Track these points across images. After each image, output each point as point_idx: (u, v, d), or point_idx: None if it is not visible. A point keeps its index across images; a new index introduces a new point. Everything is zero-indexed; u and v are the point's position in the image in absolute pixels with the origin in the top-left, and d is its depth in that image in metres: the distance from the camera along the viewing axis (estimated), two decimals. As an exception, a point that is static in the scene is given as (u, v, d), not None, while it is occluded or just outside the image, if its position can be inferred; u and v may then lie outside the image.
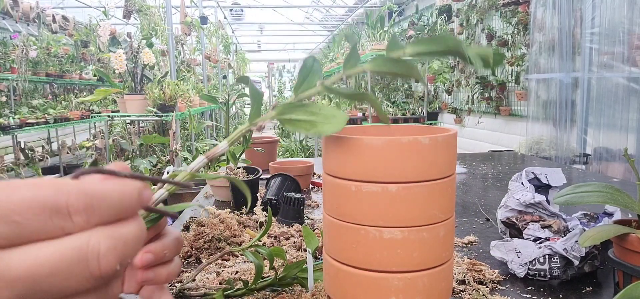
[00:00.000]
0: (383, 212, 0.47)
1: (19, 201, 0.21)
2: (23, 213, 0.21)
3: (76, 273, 0.22)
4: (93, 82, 7.71)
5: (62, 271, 0.21)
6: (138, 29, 4.62)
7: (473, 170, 1.65)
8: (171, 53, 4.47)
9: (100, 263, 0.22)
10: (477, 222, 1.01)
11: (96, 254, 0.22)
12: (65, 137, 8.16)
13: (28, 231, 0.21)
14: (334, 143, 0.50)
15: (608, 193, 0.60)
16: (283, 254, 0.65)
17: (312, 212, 1.11)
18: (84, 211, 0.22)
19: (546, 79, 3.26)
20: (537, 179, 0.93)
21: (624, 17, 2.53)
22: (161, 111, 3.84)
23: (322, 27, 12.87)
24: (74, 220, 0.22)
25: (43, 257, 0.21)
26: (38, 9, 5.72)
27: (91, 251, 0.22)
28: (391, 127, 0.59)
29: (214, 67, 8.51)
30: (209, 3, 8.14)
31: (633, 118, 2.51)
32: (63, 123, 6.14)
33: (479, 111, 4.73)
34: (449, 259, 0.51)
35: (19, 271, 0.21)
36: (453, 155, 0.50)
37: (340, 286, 0.51)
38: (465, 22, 4.77)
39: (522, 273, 0.69)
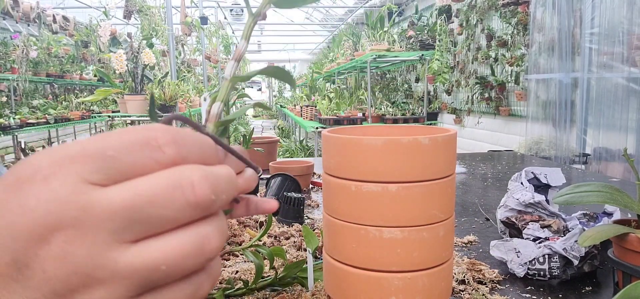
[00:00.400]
0: (383, 212, 0.47)
1: (113, 141, 0.23)
2: (117, 148, 0.22)
3: (173, 200, 0.22)
4: (93, 82, 7.71)
5: (159, 199, 0.22)
6: (138, 29, 4.62)
7: (473, 170, 1.66)
8: (171, 53, 4.47)
9: (196, 190, 0.23)
10: (476, 222, 1.01)
11: (190, 182, 0.23)
12: (65, 137, 8.16)
13: (124, 165, 0.22)
14: (334, 143, 0.50)
15: (607, 193, 0.60)
16: (283, 254, 0.65)
17: (312, 212, 1.11)
18: (173, 143, 0.23)
19: (546, 79, 3.26)
20: (537, 179, 0.93)
21: (624, 17, 2.53)
22: (161, 111, 3.84)
23: (322, 28, 12.88)
24: (165, 151, 0.23)
25: (141, 188, 0.22)
26: (38, 9, 5.73)
27: (186, 178, 0.23)
28: (391, 127, 0.59)
29: (214, 67, 8.51)
30: (209, 3, 8.14)
31: (632, 118, 2.52)
32: (63, 123, 6.14)
33: (478, 111, 4.73)
34: (448, 259, 0.51)
35: (118, 202, 0.21)
36: (453, 155, 0.50)
37: (340, 286, 0.51)
38: (465, 23, 4.77)
39: (522, 273, 0.69)
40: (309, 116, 5.81)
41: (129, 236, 0.22)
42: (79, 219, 0.21)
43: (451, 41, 5.04)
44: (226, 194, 0.25)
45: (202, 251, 0.23)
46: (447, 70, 4.59)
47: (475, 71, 4.69)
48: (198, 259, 0.23)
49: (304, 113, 6.03)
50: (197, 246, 0.23)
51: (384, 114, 4.91)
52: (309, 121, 5.63)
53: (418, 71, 6.08)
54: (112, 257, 0.21)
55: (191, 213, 0.23)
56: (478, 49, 4.58)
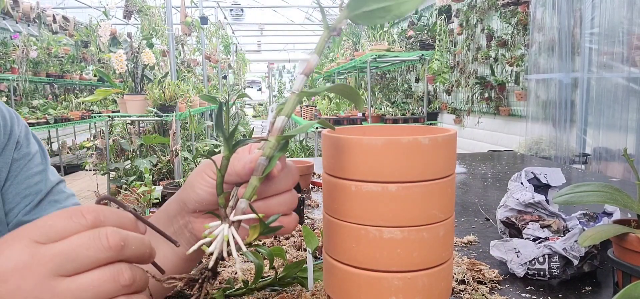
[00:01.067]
0: (383, 212, 0.47)
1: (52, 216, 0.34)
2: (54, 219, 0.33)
3: (93, 245, 0.32)
4: (93, 83, 7.71)
5: (84, 245, 0.32)
6: (138, 29, 4.62)
7: (473, 170, 1.66)
8: (171, 53, 4.47)
9: (108, 237, 0.33)
10: (476, 222, 1.01)
11: (105, 233, 0.33)
12: (65, 137, 8.16)
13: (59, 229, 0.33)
14: (334, 143, 0.50)
15: (607, 193, 0.60)
16: (283, 254, 0.65)
17: (312, 212, 1.11)
18: (93, 212, 0.34)
19: (546, 79, 3.26)
20: (537, 179, 0.93)
21: (624, 17, 2.53)
22: (161, 111, 3.84)
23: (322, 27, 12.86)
24: (87, 217, 0.34)
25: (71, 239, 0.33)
26: (38, 9, 5.73)
27: (102, 231, 0.33)
28: (391, 127, 0.59)
29: (214, 67, 8.51)
30: (209, 3, 8.14)
31: (632, 118, 2.52)
32: (63, 123, 6.14)
33: (478, 111, 4.73)
34: (448, 259, 0.51)
35: (57, 249, 0.32)
36: (453, 155, 0.50)
37: (340, 286, 0.51)
38: (465, 23, 4.77)
39: (522, 273, 0.70)
40: (309, 115, 5.81)
41: (64, 271, 0.32)
42: (28, 262, 0.32)
43: (451, 41, 5.04)
44: (135, 246, 0.34)
45: (117, 281, 0.33)
46: (447, 71, 4.59)
47: (475, 71, 4.69)
48: (114, 286, 0.33)
49: (304, 113, 6.03)
50: (112, 277, 0.33)
51: (384, 114, 4.91)
52: (309, 121, 5.63)
53: (418, 71, 6.09)
54: (53, 285, 0.31)
55: (107, 255, 0.32)
56: (478, 49, 4.58)
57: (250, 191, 0.42)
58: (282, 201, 0.47)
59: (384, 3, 0.39)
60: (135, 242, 0.34)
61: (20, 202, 0.63)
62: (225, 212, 0.41)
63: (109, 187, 4.25)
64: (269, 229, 0.42)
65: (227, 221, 0.40)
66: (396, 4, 0.39)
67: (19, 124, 0.66)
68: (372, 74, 6.55)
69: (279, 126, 0.42)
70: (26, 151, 0.65)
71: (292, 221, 0.49)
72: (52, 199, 0.65)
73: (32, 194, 0.64)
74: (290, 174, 0.48)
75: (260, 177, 0.42)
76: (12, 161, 0.64)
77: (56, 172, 0.70)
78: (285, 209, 0.47)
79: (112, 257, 0.33)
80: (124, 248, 0.33)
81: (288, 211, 0.48)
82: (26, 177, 0.64)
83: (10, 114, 0.66)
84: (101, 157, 4.42)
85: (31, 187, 0.64)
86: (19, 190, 0.63)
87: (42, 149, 0.69)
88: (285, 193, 0.48)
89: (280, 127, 0.42)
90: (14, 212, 0.62)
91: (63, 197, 0.67)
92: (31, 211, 0.63)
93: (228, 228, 0.40)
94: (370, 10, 0.40)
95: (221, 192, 0.42)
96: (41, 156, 0.68)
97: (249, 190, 0.42)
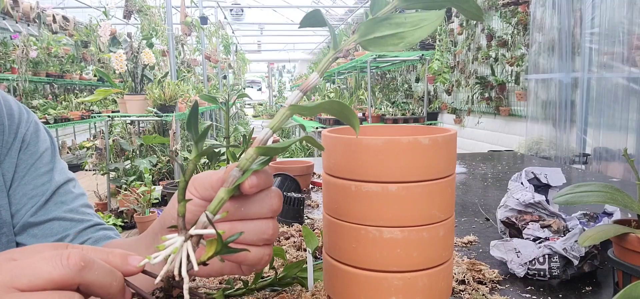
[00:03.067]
0: (383, 212, 0.47)
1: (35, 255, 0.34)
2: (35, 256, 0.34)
3: (51, 261, 0.32)
4: (93, 82, 7.71)
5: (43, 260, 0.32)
6: (138, 29, 4.62)
7: (473, 170, 1.66)
8: (171, 53, 4.47)
9: (70, 257, 0.32)
10: (476, 222, 1.01)
11: (67, 253, 0.32)
12: (65, 137, 8.16)
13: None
14: (334, 143, 0.50)
15: (608, 193, 0.60)
16: (283, 254, 0.65)
17: (312, 212, 1.11)
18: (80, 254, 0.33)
19: (546, 79, 3.26)
20: (537, 179, 0.93)
21: (624, 17, 2.53)
22: (161, 111, 3.84)
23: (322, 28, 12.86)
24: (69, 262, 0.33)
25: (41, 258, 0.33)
26: (38, 9, 5.73)
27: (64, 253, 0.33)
28: (391, 127, 0.59)
29: (214, 67, 8.51)
30: (209, 3, 8.14)
31: (633, 118, 2.51)
32: (63, 123, 6.14)
33: (478, 111, 4.73)
34: (448, 259, 0.51)
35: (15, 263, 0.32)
36: (453, 155, 0.50)
37: (340, 286, 0.51)
38: (465, 22, 4.77)
39: (522, 273, 0.69)
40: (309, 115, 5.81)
41: (19, 284, 0.31)
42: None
43: (451, 41, 5.04)
44: (98, 273, 0.33)
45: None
46: (447, 71, 4.59)
47: (475, 71, 4.69)
48: None
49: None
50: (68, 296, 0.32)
51: (384, 114, 4.91)
52: (309, 121, 5.63)
53: (418, 71, 6.08)
54: (5, 295, 0.31)
55: (63, 272, 0.31)
56: (478, 49, 4.58)
57: (216, 204, 0.37)
58: (254, 228, 0.41)
59: (397, 30, 0.38)
60: (99, 269, 0.33)
61: (26, 203, 0.62)
62: (184, 223, 0.36)
63: (109, 187, 4.25)
64: (227, 250, 0.36)
65: (183, 233, 0.36)
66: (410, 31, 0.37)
67: (28, 121, 0.65)
68: (372, 73, 6.55)
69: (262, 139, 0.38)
70: (34, 149, 0.64)
71: (263, 254, 0.42)
72: (58, 201, 0.64)
73: (39, 195, 0.62)
74: (269, 199, 0.42)
75: (228, 189, 0.38)
76: (19, 161, 0.62)
77: (66, 170, 0.67)
78: (256, 238, 0.42)
79: (68, 276, 0.31)
80: (84, 269, 0.32)
81: (260, 241, 0.42)
82: (34, 178, 0.63)
83: (19, 110, 0.64)
84: (101, 157, 4.42)
85: (38, 188, 0.63)
86: (26, 191, 0.62)
87: (53, 145, 0.67)
88: (260, 220, 0.42)
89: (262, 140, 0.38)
90: (20, 213, 0.61)
91: (70, 198, 0.65)
92: (37, 212, 0.62)
93: (183, 241, 0.36)
94: (382, 36, 0.38)
95: (182, 198, 0.37)
96: (51, 153, 0.66)
97: (215, 202, 0.37)
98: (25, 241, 0.61)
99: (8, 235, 0.60)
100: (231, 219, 0.41)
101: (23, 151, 0.63)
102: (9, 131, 0.62)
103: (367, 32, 0.38)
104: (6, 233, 0.60)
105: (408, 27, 0.37)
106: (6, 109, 0.62)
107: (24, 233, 0.61)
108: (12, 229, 0.61)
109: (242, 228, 0.41)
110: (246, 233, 0.41)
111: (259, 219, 0.42)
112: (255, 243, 0.42)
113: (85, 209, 0.66)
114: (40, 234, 0.61)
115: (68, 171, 0.68)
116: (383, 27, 0.38)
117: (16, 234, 0.61)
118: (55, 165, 0.66)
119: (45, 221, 0.61)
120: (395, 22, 0.37)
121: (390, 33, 0.38)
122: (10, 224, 0.61)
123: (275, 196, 0.42)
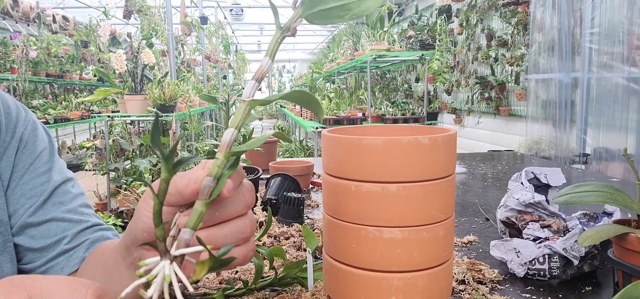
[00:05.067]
0: (383, 212, 0.47)
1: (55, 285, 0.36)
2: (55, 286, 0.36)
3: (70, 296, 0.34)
4: (93, 82, 7.71)
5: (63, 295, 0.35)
6: (138, 29, 4.62)
7: (473, 170, 1.66)
8: (171, 53, 4.47)
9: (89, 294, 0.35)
10: (476, 222, 1.01)
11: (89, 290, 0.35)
12: (65, 137, 8.16)
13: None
14: (334, 143, 0.50)
15: (607, 193, 0.60)
16: (283, 254, 0.65)
17: (312, 212, 1.11)
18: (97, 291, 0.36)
19: (546, 79, 3.26)
20: (537, 179, 0.93)
21: (624, 17, 2.53)
22: (161, 111, 3.84)
23: (322, 27, 12.87)
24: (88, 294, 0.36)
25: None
26: (38, 9, 5.72)
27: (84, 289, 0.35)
28: (391, 127, 0.59)
29: (214, 67, 8.51)
30: (209, 3, 8.14)
31: (633, 118, 2.51)
32: (63, 123, 6.14)
33: (478, 111, 4.73)
34: (448, 259, 0.51)
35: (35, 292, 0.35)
36: (453, 155, 0.50)
37: (340, 286, 0.51)
38: (465, 22, 4.77)
39: (522, 273, 0.69)
40: (308, 115, 5.81)
41: None
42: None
43: (451, 41, 5.04)
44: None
45: None
46: (447, 70, 4.59)
47: (475, 71, 4.68)
48: None
49: (304, 113, 6.03)
50: None
51: (384, 114, 4.91)
52: (308, 121, 5.63)
53: (418, 71, 6.08)
54: None
55: None
56: (478, 49, 4.58)
57: (196, 219, 0.35)
58: (233, 230, 0.40)
59: (342, 1, 0.36)
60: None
61: (25, 203, 0.61)
62: (165, 247, 0.35)
63: (109, 187, 4.25)
64: (220, 264, 0.35)
65: (167, 257, 0.34)
66: (356, 1, 0.36)
67: (26, 120, 0.64)
68: (372, 74, 6.55)
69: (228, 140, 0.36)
70: (32, 149, 0.63)
71: (247, 251, 0.42)
72: (56, 201, 0.63)
73: (37, 195, 0.62)
74: (242, 196, 0.41)
75: (206, 201, 0.36)
76: (17, 161, 0.62)
77: (64, 169, 0.67)
78: (236, 239, 0.40)
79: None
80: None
81: (240, 241, 0.41)
82: (32, 178, 0.62)
83: (17, 109, 0.63)
84: (101, 157, 4.42)
85: (36, 188, 0.62)
86: (24, 191, 0.61)
87: (51, 144, 0.66)
88: (236, 219, 0.41)
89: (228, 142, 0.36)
90: (18, 214, 0.61)
91: (69, 198, 0.64)
92: (35, 213, 0.61)
93: (169, 264, 0.34)
94: (327, 8, 0.36)
95: (159, 222, 0.35)
96: (49, 152, 0.65)
97: (194, 217, 0.35)
98: (23, 241, 0.61)
99: (5, 235, 0.60)
100: (207, 226, 0.39)
101: (21, 151, 0.62)
102: (6, 130, 0.61)
103: (312, 5, 0.37)
104: (3, 233, 0.59)
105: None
106: (3, 108, 0.62)
107: (22, 233, 0.61)
108: (10, 230, 0.61)
109: (220, 233, 0.39)
110: (225, 237, 0.39)
111: (235, 218, 0.40)
112: (236, 244, 0.40)
113: (83, 209, 0.65)
114: (38, 235, 0.61)
115: (67, 170, 0.67)
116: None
117: (14, 235, 0.61)
118: (54, 164, 0.65)
119: (43, 221, 0.61)
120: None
121: (336, 5, 0.36)
122: (8, 224, 0.60)
123: (247, 191, 0.41)
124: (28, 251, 0.61)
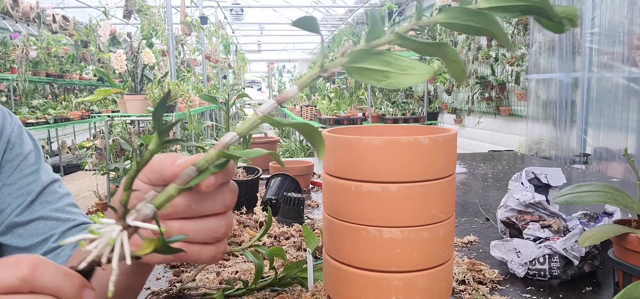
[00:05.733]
0: (383, 213, 0.47)
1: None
2: None
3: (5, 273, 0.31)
4: (93, 82, 7.71)
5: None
6: (138, 29, 4.62)
7: (473, 170, 1.65)
8: (171, 53, 4.47)
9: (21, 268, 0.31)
10: (477, 222, 1.01)
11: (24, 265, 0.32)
12: (65, 137, 8.15)
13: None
14: (334, 143, 0.50)
15: (608, 193, 0.60)
16: (283, 254, 0.65)
17: (312, 212, 1.11)
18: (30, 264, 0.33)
19: (546, 79, 3.26)
20: (537, 179, 0.93)
21: (624, 17, 2.53)
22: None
23: (322, 27, 12.88)
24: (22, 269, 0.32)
25: None
26: (38, 9, 5.72)
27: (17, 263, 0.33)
28: (391, 127, 0.59)
29: (214, 67, 8.51)
30: (209, 3, 8.14)
31: (633, 118, 2.51)
32: (63, 123, 6.14)
33: (478, 110, 4.73)
34: (448, 259, 0.51)
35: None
36: (453, 155, 0.50)
37: (340, 286, 0.51)
38: (465, 22, 4.76)
39: (522, 273, 0.69)
40: (308, 115, 5.81)
41: None
42: None
43: (451, 41, 5.04)
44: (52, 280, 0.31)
45: None
46: (447, 70, 4.59)
47: (475, 71, 4.68)
48: None
49: (304, 113, 6.03)
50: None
51: (384, 114, 4.91)
52: (308, 122, 5.63)
53: (418, 71, 6.07)
54: None
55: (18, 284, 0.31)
56: (478, 49, 4.58)
57: (163, 199, 0.35)
58: (207, 227, 0.39)
59: (385, 68, 0.37)
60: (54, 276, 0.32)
61: (12, 203, 0.62)
62: (124, 213, 0.34)
63: (109, 187, 4.25)
64: (167, 249, 0.35)
65: (121, 223, 0.34)
66: (396, 73, 0.37)
67: (12, 123, 0.65)
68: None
69: (226, 142, 0.36)
70: (19, 151, 0.64)
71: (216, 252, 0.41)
72: (44, 200, 0.64)
73: (24, 195, 0.63)
74: (223, 195, 0.40)
75: (180, 187, 0.36)
76: (4, 162, 0.62)
77: (51, 171, 0.68)
78: (208, 237, 0.39)
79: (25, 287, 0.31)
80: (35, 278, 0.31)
81: (212, 240, 0.40)
82: (19, 178, 0.63)
83: (2, 112, 0.64)
84: (101, 157, 4.42)
85: (23, 188, 0.63)
86: (11, 191, 0.62)
87: (36, 148, 0.67)
88: (213, 217, 0.40)
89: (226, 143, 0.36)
90: (6, 213, 0.61)
91: (56, 198, 0.65)
92: (23, 212, 0.62)
93: (120, 230, 0.34)
94: (369, 69, 0.37)
95: (128, 187, 0.35)
96: (35, 155, 0.66)
97: (162, 197, 0.35)
98: (10, 241, 0.61)
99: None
100: (181, 217, 0.38)
101: (8, 152, 0.63)
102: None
103: (355, 60, 0.38)
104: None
105: (395, 69, 0.37)
106: None
107: (9, 233, 0.61)
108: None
109: (192, 227, 0.38)
110: (197, 232, 0.39)
111: (211, 216, 0.40)
112: (206, 242, 0.40)
113: (71, 209, 0.66)
114: (26, 234, 0.62)
115: (53, 172, 0.68)
116: (372, 60, 0.37)
117: (1, 235, 0.61)
118: (41, 166, 0.66)
119: (31, 220, 0.62)
120: (385, 60, 0.37)
121: (377, 68, 0.37)
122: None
123: (229, 192, 0.40)
124: (15, 250, 0.61)
